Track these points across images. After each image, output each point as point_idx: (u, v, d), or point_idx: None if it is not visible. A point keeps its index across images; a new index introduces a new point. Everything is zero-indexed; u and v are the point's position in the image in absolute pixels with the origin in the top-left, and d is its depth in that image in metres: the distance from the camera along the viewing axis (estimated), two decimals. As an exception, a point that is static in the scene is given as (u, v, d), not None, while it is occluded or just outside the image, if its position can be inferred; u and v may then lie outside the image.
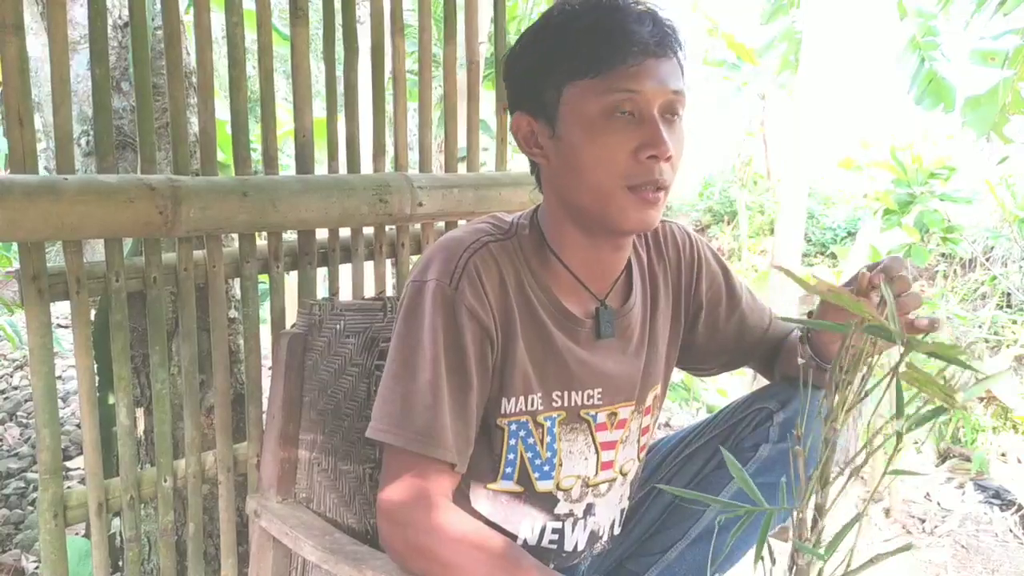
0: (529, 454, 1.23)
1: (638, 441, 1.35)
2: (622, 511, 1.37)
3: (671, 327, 1.36)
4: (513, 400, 1.19)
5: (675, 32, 1.14)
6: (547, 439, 1.23)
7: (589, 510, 1.31)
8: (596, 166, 1.11)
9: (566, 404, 1.23)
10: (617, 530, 1.38)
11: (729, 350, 1.42)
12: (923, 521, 3.24)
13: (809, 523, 0.83)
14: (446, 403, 1.12)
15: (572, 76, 1.11)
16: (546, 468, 1.25)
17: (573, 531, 1.31)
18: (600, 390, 1.25)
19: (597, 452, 1.28)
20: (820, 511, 0.83)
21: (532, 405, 1.21)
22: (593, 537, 1.34)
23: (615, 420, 1.28)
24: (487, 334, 1.14)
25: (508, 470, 1.23)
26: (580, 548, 1.32)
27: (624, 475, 1.34)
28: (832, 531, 0.82)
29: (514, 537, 1.26)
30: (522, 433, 1.22)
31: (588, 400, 1.24)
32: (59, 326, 4.53)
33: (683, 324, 1.37)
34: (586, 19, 1.11)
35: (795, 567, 0.82)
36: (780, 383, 1.40)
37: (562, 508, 1.29)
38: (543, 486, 1.26)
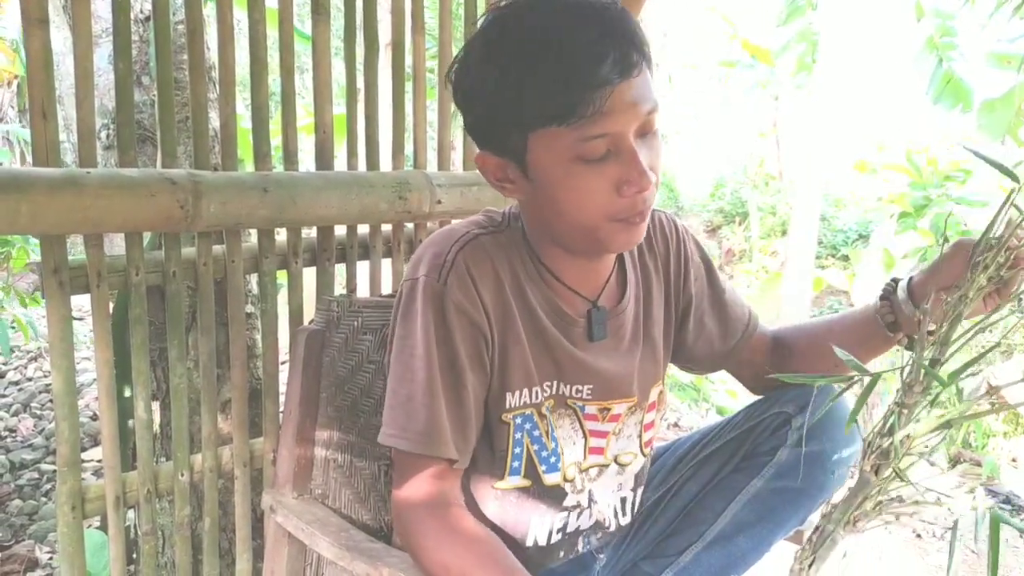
0: (535, 446, 1.23)
1: (640, 436, 1.34)
2: (622, 499, 1.36)
3: (665, 320, 1.35)
4: (517, 393, 1.19)
5: (638, 40, 1.04)
6: (550, 429, 1.24)
7: (591, 497, 1.31)
8: (577, 209, 1.07)
9: (554, 392, 1.22)
10: (624, 520, 1.38)
11: (715, 346, 1.40)
12: (933, 525, 3.23)
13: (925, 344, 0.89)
14: (442, 399, 1.11)
15: (535, 125, 1.04)
16: (552, 460, 1.25)
17: (578, 519, 1.31)
18: (591, 387, 1.24)
19: (585, 437, 1.27)
20: (946, 342, 0.88)
21: (536, 398, 1.21)
22: (598, 526, 1.34)
23: (607, 414, 1.28)
24: (479, 330, 1.13)
25: (515, 464, 1.23)
26: (583, 528, 1.33)
27: (622, 465, 1.33)
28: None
29: (523, 540, 1.26)
30: (527, 426, 1.21)
31: (576, 393, 1.24)
32: (72, 318, 4.54)
33: (675, 317, 1.36)
34: (541, 61, 1.01)
35: (908, 389, 0.85)
36: (798, 386, 1.38)
37: (570, 500, 1.29)
38: (551, 479, 1.25)
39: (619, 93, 1.01)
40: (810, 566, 0.97)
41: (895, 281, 1.29)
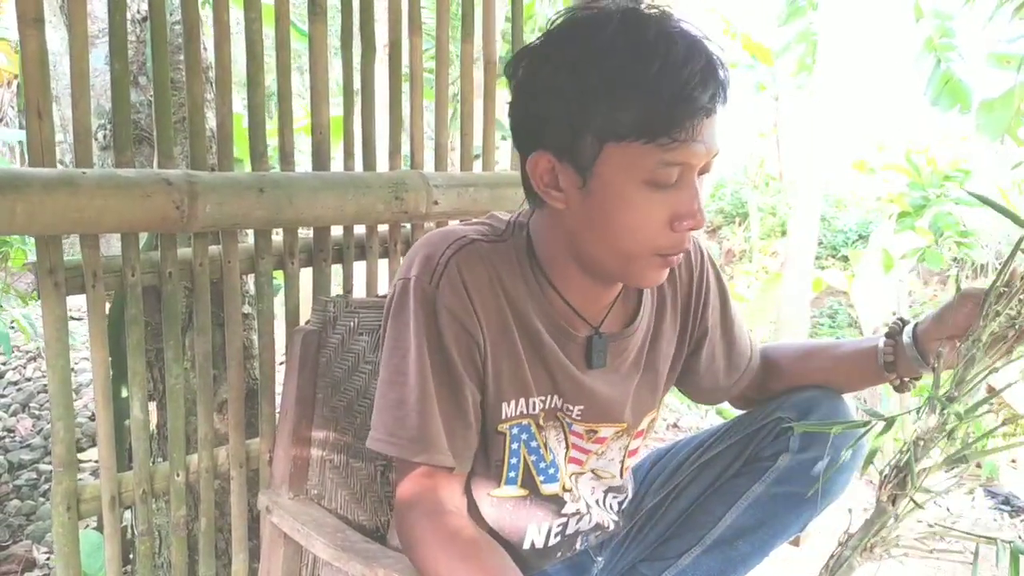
0: (533, 457, 1.22)
1: (622, 461, 1.33)
2: (597, 502, 1.34)
3: (675, 350, 1.32)
4: (512, 403, 1.17)
5: (729, 81, 1.03)
6: (547, 440, 1.23)
7: (589, 503, 1.31)
8: (627, 235, 1.05)
9: (547, 406, 1.21)
10: (615, 516, 1.37)
11: (720, 380, 1.39)
12: (932, 526, 3.22)
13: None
14: (435, 405, 1.10)
15: (617, 136, 1.00)
16: (551, 471, 1.24)
17: (578, 523, 1.31)
18: (582, 408, 1.22)
19: (567, 448, 1.26)
20: (961, 381, 0.93)
21: (533, 409, 1.19)
22: (597, 527, 1.34)
23: (594, 436, 1.26)
24: (471, 337, 1.11)
25: (511, 475, 1.22)
26: (583, 530, 1.32)
27: (599, 478, 1.32)
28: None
29: (520, 543, 1.26)
30: (524, 436, 1.20)
31: (567, 411, 1.22)
32: (72, 318, 4.55)
33: (687, 348, 1.34)
34: (644, 73, 0.98)
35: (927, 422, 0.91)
36: (799, 391, 1.36)
37: (570, 508, 1.28)
38: (549, 489, 1.25)
39: (706, 126, 1.01)
40: None
41: (901, 322, 1.28)
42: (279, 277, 1.64)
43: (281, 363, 1.74)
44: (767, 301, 6.01)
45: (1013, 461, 4.16)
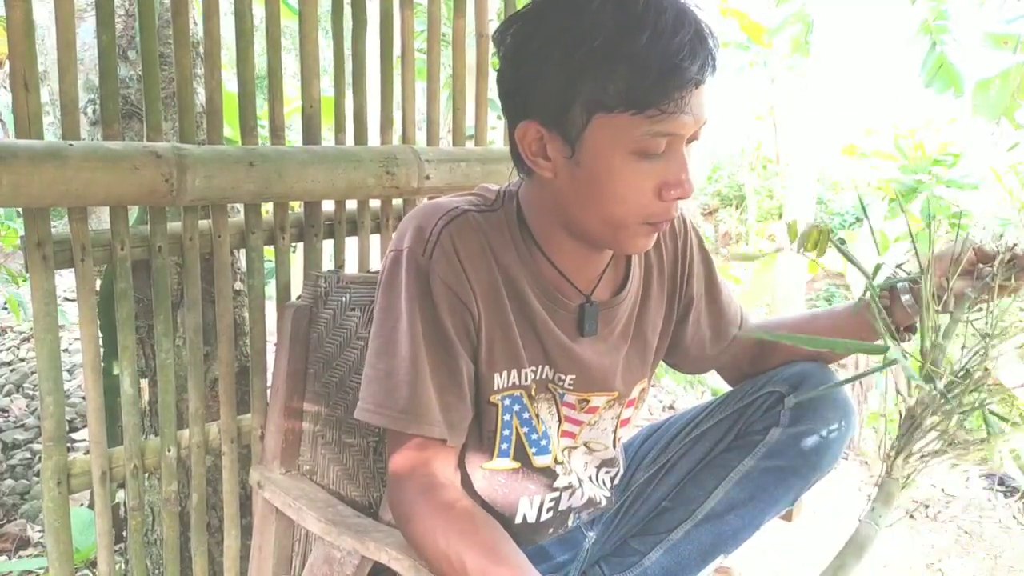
0: (525, 428, 1.22)
1: (614, 431, 1.33)
2: (589, 478, 1.35)
3: (664, 318, 1.33)
4: (504, 374, 1.17)
5: (718, 51, 1.03)
6: (539, 411, 1.23)
7: (581, 477, 1.31)
8: (616, 203, 1.05)
9: (538, 377, 1.21)
10: (607, 492, 1.38)
11: (707, 349, 1.40)
12: (927, 507, 3.24)
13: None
14: (428, 377, 1.10)
15: (606, 107, 1.00)
16: (543, 443, 1.24)
17: (570, 499, 1.31)
18: (574, 377, 1.23)
19: (560, 421, 1.26)
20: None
21: (525, 380, 1.19)
22: (590, 502, 1.34)
23: (586, 406, 1.27)
24: (465, 307, 1.11)
25: (504, 446, 1.22)
26: (575, 506, 1.33)
27: (591, 451, 1.33)
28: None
29: (512, 517, 1.26)
30: (516, 408, 1.20)
31: (559, 381, 1.23)
32: (66, 299, 4.54)
33: (674, 317, 1.35)
34: (633, 44, 0.97)
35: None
36: (790, 365, 1.37)
37: (561, 481, 1.28)
38: (541, 461, 1.25)
39: (695, 96, 1.01)
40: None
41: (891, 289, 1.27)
42: (271, 255, 1.63)
43: (274, 341, 1.73)
44: (762, 283, 6.00)
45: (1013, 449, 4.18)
